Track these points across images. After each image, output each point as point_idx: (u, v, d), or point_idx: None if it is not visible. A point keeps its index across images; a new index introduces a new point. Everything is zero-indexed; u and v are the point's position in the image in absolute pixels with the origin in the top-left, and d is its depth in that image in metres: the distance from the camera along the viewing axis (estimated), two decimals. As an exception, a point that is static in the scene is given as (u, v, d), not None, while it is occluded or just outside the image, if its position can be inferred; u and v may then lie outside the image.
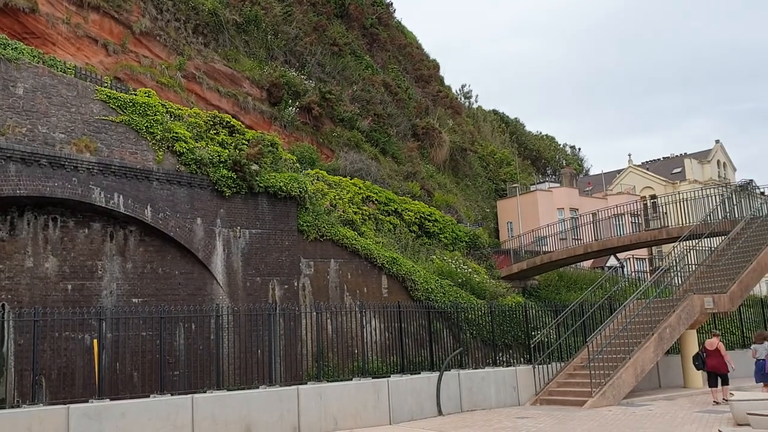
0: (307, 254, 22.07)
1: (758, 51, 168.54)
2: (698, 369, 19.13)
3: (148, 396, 14.31)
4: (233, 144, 21.29)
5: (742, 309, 26.69)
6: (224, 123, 21.83)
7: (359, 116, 35.76)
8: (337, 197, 25.94)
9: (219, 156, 20.37)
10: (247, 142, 21.62)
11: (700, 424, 14.33)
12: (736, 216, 25.63)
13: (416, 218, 29.72)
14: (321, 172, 27.56)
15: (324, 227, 22.58)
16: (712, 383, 18.25)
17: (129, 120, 18.97)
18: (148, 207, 18.75)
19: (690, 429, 13.82)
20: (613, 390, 18.77)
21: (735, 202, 26.53)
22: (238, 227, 20.45)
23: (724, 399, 17.59)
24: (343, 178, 28.26)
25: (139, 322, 17.10)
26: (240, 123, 23.05)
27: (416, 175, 36.14)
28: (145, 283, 18.82)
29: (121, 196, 18.25)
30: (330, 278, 22.52)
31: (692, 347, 21.93)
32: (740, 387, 20.77)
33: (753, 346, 18.73)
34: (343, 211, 25.20)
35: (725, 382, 18.18)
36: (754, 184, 28.15)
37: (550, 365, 20.73)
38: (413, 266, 24.35)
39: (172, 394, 14.53)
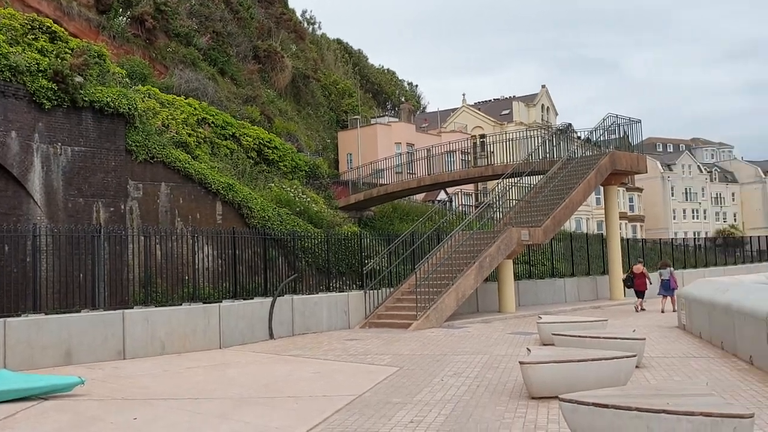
0: (136, 176, 21.01)
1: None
2: (628, 288, 25.19)
3: (-48, 321, 13.21)
4: (54, 52, 19.48)
5: (553, 242, 29.15)
6: (44, 28, 19.85)
7: (197, 32, 33.99)
8: (170, 117, 24.74)
9: (38, 64, 18.56)
10: (70, 52, 19.86)
11: (511, 344, 15.71)
12: (555, 157, 27.76)
13: (255, 144, 29.15)
14: (153, 89, 26.04)
15: (155, 148, 21.52)
16: (639, 296, 24.10)
17: (-73, 15, 16.70)
18: (-48, 115, 16.82)
19: (502, 348, 15.12)
20: (436, 314, 19.99)
21: (554, 144, 28.70)
22: (59, 144, 18.94)
23: (641, 308, 23.72)
24: (177, 98, 26.93)
25: (-59, 242, 15.54)
26: (63, 30, 21.07)
27: (256, 100, 35.25)
28: (-51, 199, 17.06)
29: None
30: (160, 202, 21.66)
31: (509, 275, 23.78)
32: (547, 311, 22.95)
33: (659, 270, 24.10)
34: (177, 133, 24.14)
35: (641, 297, 24.11)
36: (571, 128, 30.59)
37: (380, 291, 21.63)
38: (250, 193, 24.02)
39: (-20, 319, 13.51)
